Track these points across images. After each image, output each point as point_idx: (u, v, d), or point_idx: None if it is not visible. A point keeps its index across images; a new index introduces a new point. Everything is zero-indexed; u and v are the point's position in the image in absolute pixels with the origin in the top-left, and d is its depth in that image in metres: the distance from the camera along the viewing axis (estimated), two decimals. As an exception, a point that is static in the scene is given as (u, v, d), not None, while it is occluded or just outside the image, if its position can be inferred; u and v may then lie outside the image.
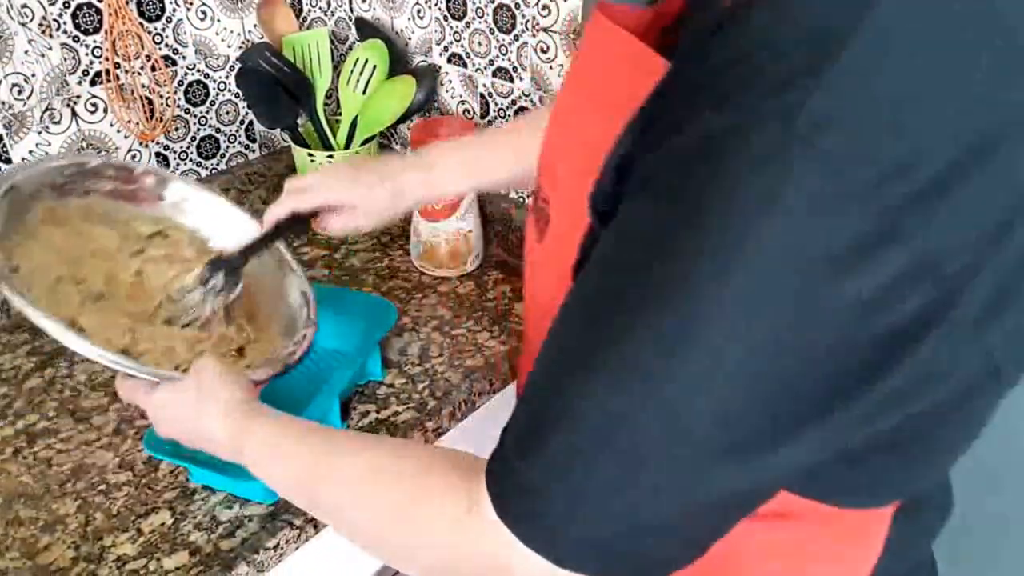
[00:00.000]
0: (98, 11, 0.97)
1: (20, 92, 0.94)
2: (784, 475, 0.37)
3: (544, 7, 0.94)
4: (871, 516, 0.46)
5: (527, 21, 0.96)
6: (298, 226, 0.80)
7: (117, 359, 0.60)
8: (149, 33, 1.03)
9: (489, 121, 1.09)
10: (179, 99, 1.10)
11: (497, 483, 0.41)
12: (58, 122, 0.98)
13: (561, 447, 0.37)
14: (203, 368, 0.63)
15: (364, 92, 1.12)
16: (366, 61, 1.11)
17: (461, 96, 1.11)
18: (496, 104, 1.07)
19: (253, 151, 1.23)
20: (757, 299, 0.31)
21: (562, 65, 0.96)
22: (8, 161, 0.96)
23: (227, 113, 1.17)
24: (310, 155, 1.11)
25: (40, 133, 0.97)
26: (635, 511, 0.36)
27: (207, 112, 1.14)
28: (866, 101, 0.29)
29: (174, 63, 1.08)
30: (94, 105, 1.01)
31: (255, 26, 1.15)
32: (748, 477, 0.36)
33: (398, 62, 1.13)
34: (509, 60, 1.02)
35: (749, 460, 0.35)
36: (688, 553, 0.39)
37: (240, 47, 1.14)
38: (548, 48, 0.96)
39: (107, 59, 0.99)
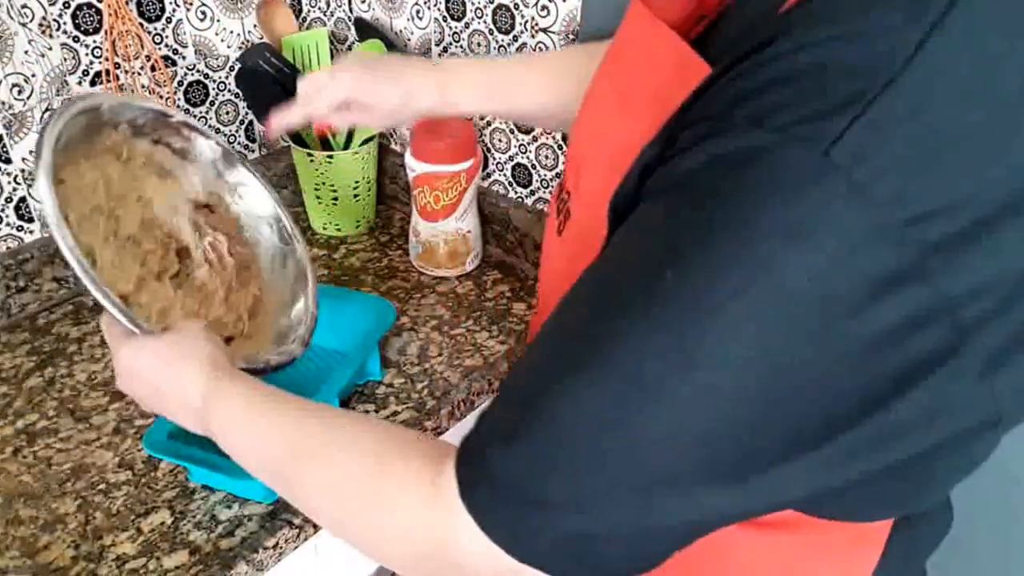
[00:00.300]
0: (98, 11, 0.97)
1: (20, 92, 0.94)
2: (770, 502, 0.36)
3: (543, 8, 0.94)
4: (869, 529, 0.45)
5: (526, 22, 0.97)
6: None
7: (108, 296, 0.59)
8: (149, 33, 1.03)
9: (488, 121, 1.09)
10: (179, 99, 1.10)
11: (467, 467, 0.40)
12: (58, 122, 0.98)
13: (538, 443, 0.36)
14: (186, 327, 0.62)
15: (363, 92, 1.12)
16: (365, 61, 1.11)
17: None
18: (495, 104, 1.07)
19: (253, 151, 1.23)
20: (769, 325, 0.31)
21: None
22: (8, 161, 0.96)
23: (227, 113, 1.17)
24: (309, 155, 1.11)
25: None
26: (605, 517, 0.36)
27: (207, 112, 1.14)
28: (907, 139, 0.29)
29: (174, 63, 1.08)
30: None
31: (255, 26, 1.15)
32: (728, 500, 0.35)
33: (397, 62, 1.13)
34: (508, 61, 1.02)
35: (736, 483, 0.34)
36: (652, 563, 0.39)
37: (240, 47, 1.14)
38: (547, 48, 0.96)
39: (107, 59, 0.99)
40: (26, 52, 0.93)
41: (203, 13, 1.08)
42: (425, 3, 1.07)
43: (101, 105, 0.69)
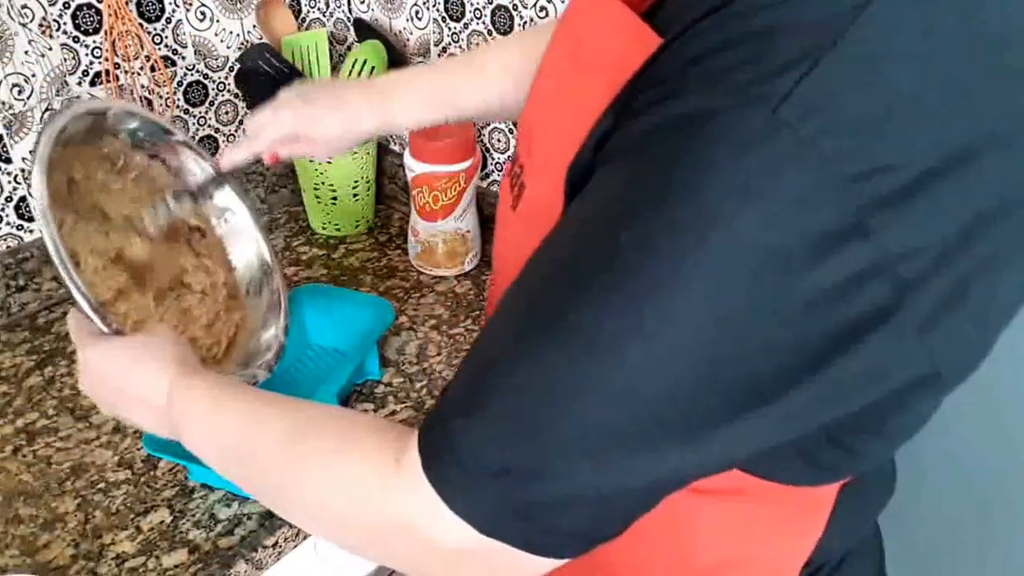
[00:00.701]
0: (98, 12, 0.97)
1: (20, 92, 0.94)
2: (721, 459, 0.37)
3: (541, 8, 0.94)
4: (817, 493, 0.46)
5: (525, 22, 0.97)
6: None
7: (80, 290, 0.59)
8: (149, 34, 1.04)
9: (487, 122, 1.09)
10: (178, 99, 1.11)
11: (429, 439, 0.40)
12: (58, 122, 0.99)
13: (496, 413, 0.36)
14: (155, 331, 0.62)
15: (363, 93, 1.13)
16: (364, 62, 1.11)
17: (459, 97, 1.12)
18: (494, 105, 1.07)
19: (252, 151, 1.24)
20: (718, 282, 0.31)
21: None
22: (8, 161, 0.96)
23: (226, 113, 1.17)
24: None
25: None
26: (568, 483, 0.36)
27: (206, 112, 1.15)
28: (853, 97, 0.29)
29: (173, 63, 1.08)
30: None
31: (254, 27, 1.15)
32: (686, 457, 0.35)
33: (396, 63, 1.13)
34: (507, 61, 1.02)
35: (693, 440, 0.34)
36: (616, 528, 0.39)
37: (239, 48, 1.15)
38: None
39: (107, 59, 1.00)
40: (26, 52, 0.93)
41: (203, 13, 1.08)
42: (424, 4, 1.07)
43: (108, 110, 0.69)
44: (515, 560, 0.38)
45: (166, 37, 1.06)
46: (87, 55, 0.99)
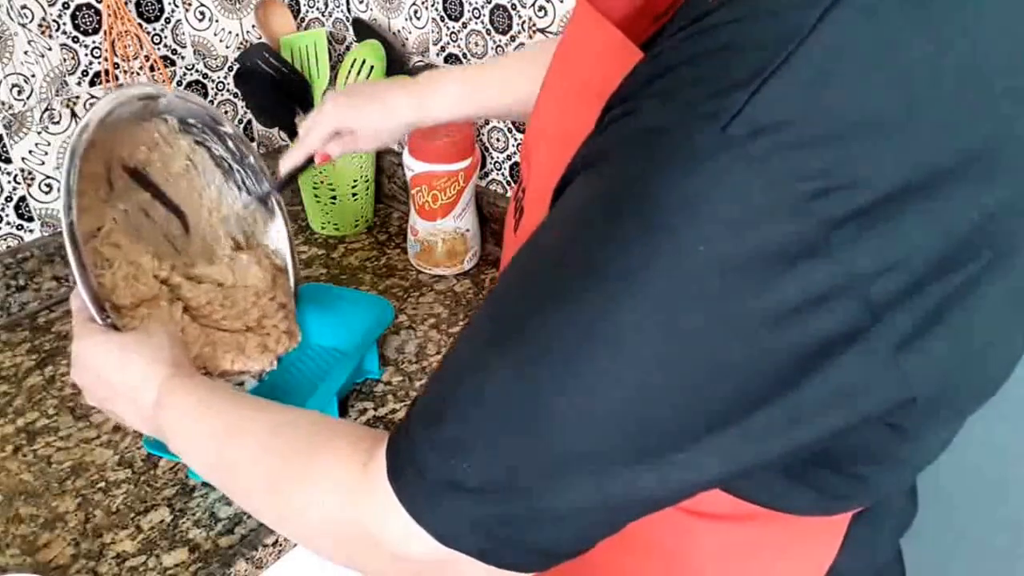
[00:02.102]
0: (97, 12, 0.98)
1: (20, 92, 0.95)
2: (692, 481, 0.36)
3: (540, 8, 0.94)
4: (828, 519, 0.46)
5: (523, 22, 0.97)
6: (310, 164, 0.84)
7: (86, 278, 0.60)
8: (148, 34, 1.04)
9: (486, 121, 1.09)
10: (178, 99, 1.11)
11: (395, 448, 0.40)
12: (57, 122, 0.99)
13: (460, 425, 0.37)
14: (154, 329, 0.63)
15: (362, 92, 1.13)
16: (363, 61, 1.11)
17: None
18: (493, 104, 1.07)
19: (251, 151, 1.24)
20: (673, 299, 0.31)
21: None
22: (8, 161, 0.96)
23: (225, 113, 1.17)
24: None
25: (40, 133, 0.98)
26: (522, 500, 0.36)
27: (205, 112, 1.15)
28: (805, 115, 0.29)
29: (173, 63, 1.08)
30: (93, 105, 1.01)
31: (253, 27, 1.15)
32: (648, 477, 0.34)
33: (395, 62, 1.14)
34: (506, 60, 1.02)
35: (652, 461, 0.34)
36: (576, 546, 0.39)
37: (238, 48, 1.15)
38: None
39: (106, 59, 1.00)
40: (26, 52, 0.93)
41: (201, 13, 1.09)
42: (423, 3, 1.07)
43: (162, 96, 0.71)
44: (475, 571, 0.38)
45: (165, 37, 1.06)
46: (87, 55, 0.99)
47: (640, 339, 0.32)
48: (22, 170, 0.98)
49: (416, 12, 1.09)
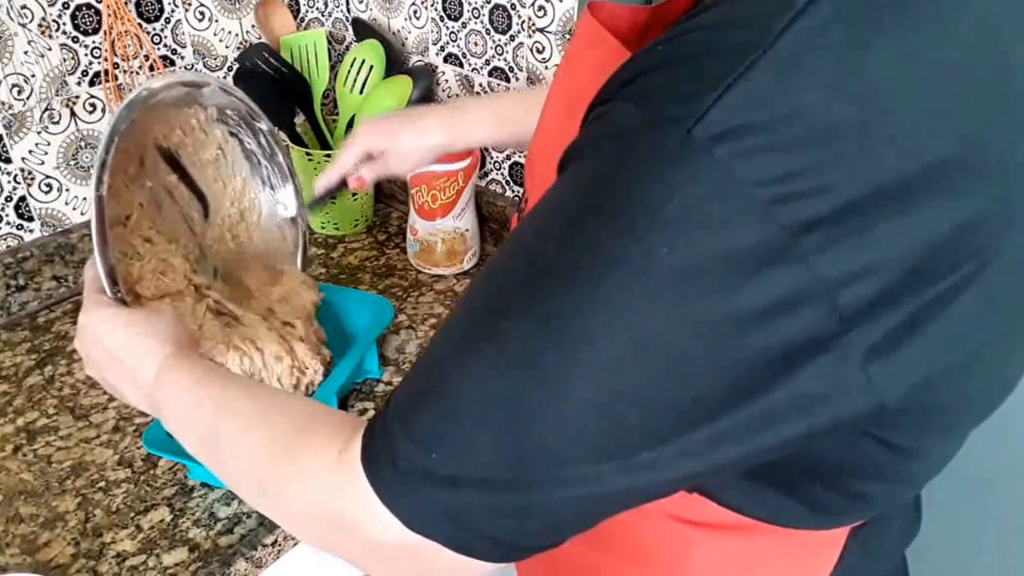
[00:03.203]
0: (97, 12, 0.98)
1: (20, 92, 0.95)
2: (661, 480, 0.36)
3: (540, 8, 0.94)
4: (825, 532, 0.46)
5: (523, 22, 0.97)
6: (343, 187, 0.85)
7: (104, 255, 0.61)
8: (148, 33, 1.04)
9: (485, 121, 1.09)
10: (177, 99, 1.11)
11: (371, 440, 0.40)
12: (57, 122, 0.99)
13: (434, 417, 0.37)
14: (162, 308, 0.63)
15: (361, 92, 1.13)
16: (363, 61, 1.12)
17: (457, 96, 1.12)
18: (492, 104, 1.07)
19: (251, 150, 1.24)
20: (638, 301, 0.31)
21: (557, 65, 0.97)
22: (8, 161, 0.96)
23: (225, 113, 1.17)
24: (308, 155, 1.12)
25: (40, 133, 0.98)
26: (490, 493, 0.36)
27: (205, 112, 1.15)
28: (769, 122, 0.29)
29: (173, 63, 1.08)
30: (93, 105, 1.02)
31: (253, 27, 1.15)
32: (618, 474, 0.35)
33: (395, 62, 1.14)
34: (505, 60, 1.02)
35: (621, 459, 0.34)
36: (546, 540, 0.39)
37: (238, 47, 1.15)
38: (544, 48, 0.97)
39: (106, 59, 1.00)
40: (26, 52, 0.93)
41: (201, 13, 1.09)
42: (422, 3, 1.08)
43: (206, 85, 0.72)
44: (448, 559, 0.39)
45: (165, 37, 1.06)
46: (86, 55, 0.99)
47: (608, 339, 0.32)
48: (22, 170, 0.98)
49: (416, 12, 1.09)
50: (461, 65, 1.09)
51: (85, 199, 1.04)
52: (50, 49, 0.96)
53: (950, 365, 0.34)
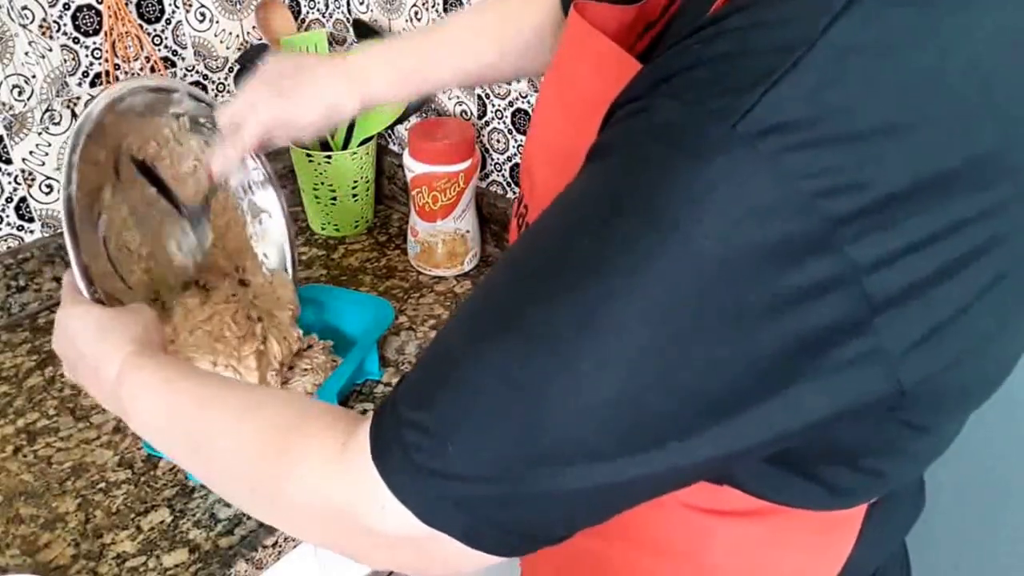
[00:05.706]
0: (98, 13, 0.98)
1: (20, 93, 0.95)
2: (682, 471, 0.36)
3: (540, 9, 0.94)
4: (844, 513, 0.46)
5: (524, 23, 0.97)
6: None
7: (78, 256, 0.61)
8: (148, 35, 1.04)
9: (486, 122, 1.09)
10: (178, 100, 1.11)
11: (380, 429, 0.40)
12: (58, 123, 0.99)
13: (451, 408, 0.36)
14: (136, 308, 0.63)
15: (362, 93, 1.13)
16: (364, 62, 1.11)
17: (458, 97, 1.12)
18: (493, 105, 1.07)
19: (252, 151, 1.24)
20: (674, 292, 0.31)
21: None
22: (8, 161, 0.96)
23: (226, 114, 1.17)
24: (308, 155, 1.12)
25: (40, 134, 0.98)
26: (506, 484, 0.36)
27: (206, 113, 1.15)
28: (813, 117, 0.30)
29: (173, 64, 1.08)
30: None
31: (254, 28, 1.15)
32: (638, 466, 0.35)
33: (396, 63, 1.14)
34: (506, 62, 1.02)
35: (644, 451, 0.34)
36: (559, 532, 0.39)
37: (239, 48, 1.15)
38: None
39: (107, 60, 1.00)
40: (26, 53, 0.93)
41: (202, 14, 1.09)
42: (423, 4, 1.08)
43: (176, 90, 0.71)
44: (453, 550, 0.38)
45: (166, 38, 1.06)
46: (87, 56, 0.99)
47: (640, 330, 0.32)
48: (23, 171, 0.98)
49: (416, 13, 1.09)
50: (462, 66, 1.09)
51: (86, 200, 1.05)
52: (51, 50, 0.96)
53: (968, 348, 0.35)
